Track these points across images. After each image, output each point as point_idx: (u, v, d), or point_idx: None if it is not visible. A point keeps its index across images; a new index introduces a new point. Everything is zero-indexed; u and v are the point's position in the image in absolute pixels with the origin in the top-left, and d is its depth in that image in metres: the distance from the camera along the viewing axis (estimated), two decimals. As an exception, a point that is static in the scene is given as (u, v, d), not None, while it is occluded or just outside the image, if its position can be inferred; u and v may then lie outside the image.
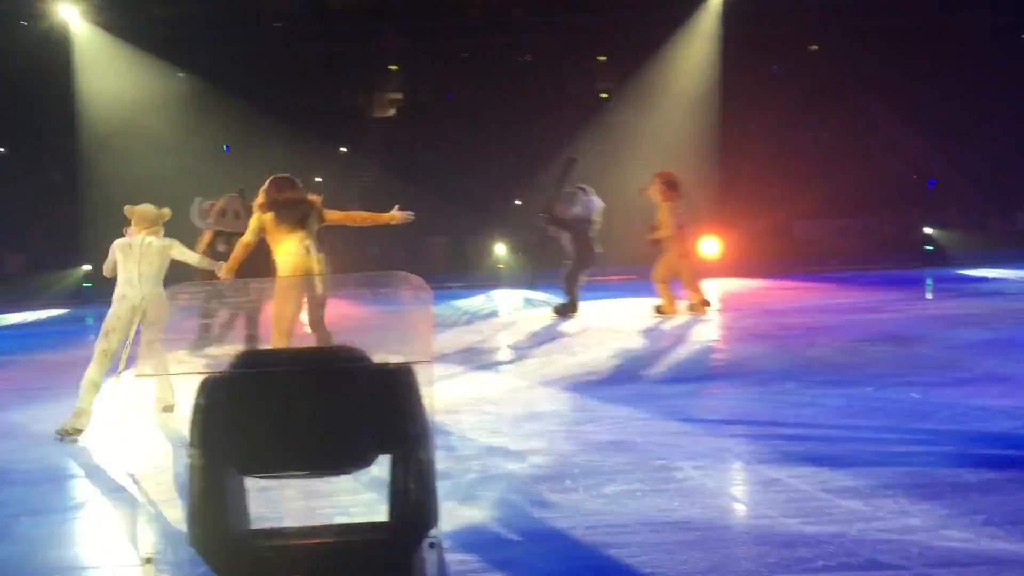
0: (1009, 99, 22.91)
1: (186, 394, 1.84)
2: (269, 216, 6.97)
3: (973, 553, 3.58)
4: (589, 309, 12.49)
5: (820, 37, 26.32)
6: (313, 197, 7.31)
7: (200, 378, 1.85)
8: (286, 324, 6.70)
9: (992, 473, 4.54)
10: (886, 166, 22.70)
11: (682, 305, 11.65)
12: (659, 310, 11.67)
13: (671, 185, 11.56)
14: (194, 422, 1.86)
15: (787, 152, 22.51)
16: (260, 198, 7.09)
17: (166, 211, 6.80)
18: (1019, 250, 19.00)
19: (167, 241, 6.62)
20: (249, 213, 7.42)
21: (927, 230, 20.46)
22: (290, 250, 6.88)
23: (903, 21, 24.13)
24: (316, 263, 6.87)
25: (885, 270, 17.56)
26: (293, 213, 7.02)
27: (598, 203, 11.92)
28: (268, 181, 7.18)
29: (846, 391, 6.63)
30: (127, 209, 6.72)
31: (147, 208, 6.70)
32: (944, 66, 23.95)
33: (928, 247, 20.01)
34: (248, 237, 7.02)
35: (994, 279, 15.25)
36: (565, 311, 11.82)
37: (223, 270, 6.85)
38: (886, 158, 22.93)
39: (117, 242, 6.57)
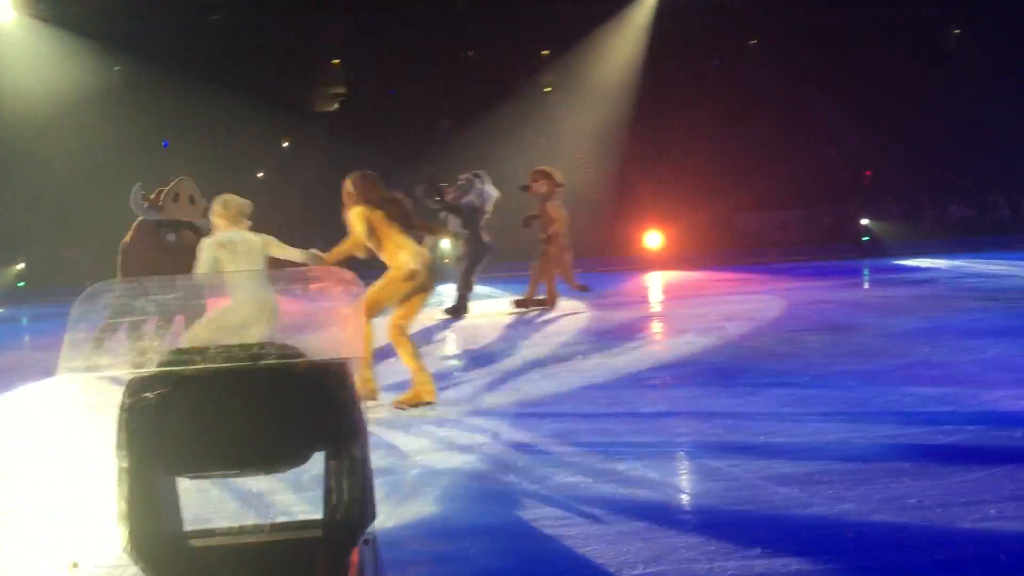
0: (941, 93, 23.48)
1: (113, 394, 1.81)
2: (380, 214, 6.61)
3: (905, 536, 3.67)
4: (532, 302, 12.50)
5: (759, 32, 26.69)
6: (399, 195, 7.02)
7: (127, 377, 1.82)
8: (375, 312, 6.46)
9: (924, 458, 4.66)
10: (824, 159, 23.11)
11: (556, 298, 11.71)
12: (520, 304, 11.72)
13: (553, 180, 11.61)
14: (121, 422, 1.82)
15: (728, 145, 22.79)
16: (358, 195, 6.66)
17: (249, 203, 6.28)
18: (951, 240, 19.51)
19: (264, 236, 6.07)
20: (202, 199, 7.05)
21: (864, 221, 20.88)
22: (408, 246, 6.64)
23: (840, 16, 24.55)
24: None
25: (823, 261, 17.90)
26: (401, 209, 6.81)
27: (493, 192, 11.65)
28: (359, 178, 6.79)
29: (785, 380, 6.75)
30: (223, 201, 6.08)
31: (245, 201, 6.13)
32: (879, 60, 24.43)
33: (865, 238, 20.43)
34: (363, 237, 6.56)
35: (927, 268, 15.62)
36: (456, 312, 11.43)
37: (328, 258, 6.41)
38: (824, 151, 23.34)
39: (215, 239, 5.92)
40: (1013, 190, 22.31)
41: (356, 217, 6.62)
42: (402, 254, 6.54)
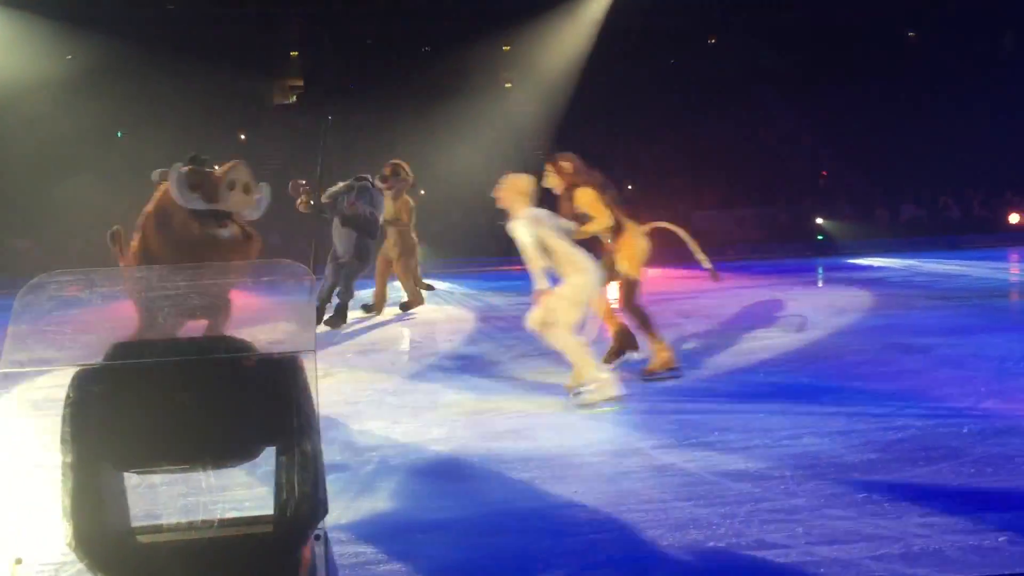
0: (895, 94, 23.86)
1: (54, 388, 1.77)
2: (607, 198, 6.87)
3: (855, 530, 3.73)
4: (495, 299, 12.53)
5: (718, 30, 26.92)
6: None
7: (72, 370, 1.79)
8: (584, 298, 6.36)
9: (874, 454, 4.74)
10: (781, 158, 23.39)
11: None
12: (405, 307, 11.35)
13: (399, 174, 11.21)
14: (66, 416, 1.79)
15: (686, 144, 22.97)
16: (581, 176, 6.85)
17: None
18: (904, 240, 19.85)
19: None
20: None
21: (819, 220, 21.17)
22: (638, 231, 6.74)
23: (797, 16, 24.85)
24: None
25: (779, 259, 18.11)
26: (612, 193, 6.89)
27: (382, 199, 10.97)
28: (573, 160, 6.96)
29: (738, 377, 6.83)
30: (521, 179, 6.26)
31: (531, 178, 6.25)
32: (835, 60, 24.77)
33: (820, 237, 20.71)
34: (609, 221, 6.85)
35: (880, 268, 15.88)
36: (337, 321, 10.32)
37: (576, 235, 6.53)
38: (781, 150, 23.63)
39: (529, 217, 5.94)
40: (963, 191, 22.75)
41: (594, 199, 6.88)
42: (634, 242, 7.15)
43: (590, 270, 6.09)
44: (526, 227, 5.87)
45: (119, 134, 22.59)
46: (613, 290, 7.28)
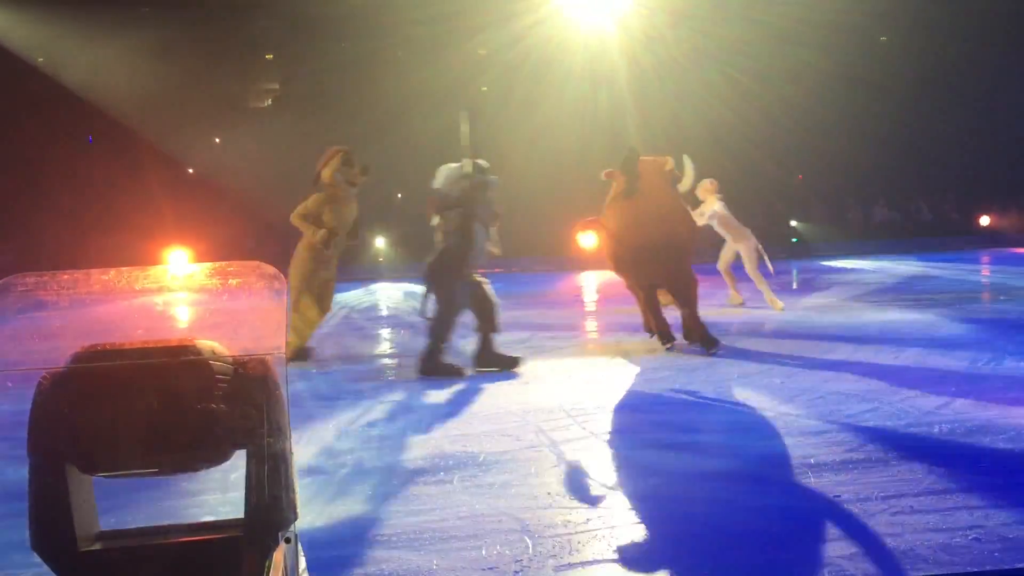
0: (867, 98, 24.09)
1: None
2: None
3: (827, 529, 3.76)
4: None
5: (692, 35, 27.05)
6: None
7: (38, 374, 1.78)
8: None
9: (846, 453, 4.78)
10: (753, 160, 23.53)
11: None
12: None
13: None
14: (32, 420, 1.77)
15: (659, 146, 23.03)
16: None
17: None
18: (876, 242, 20.05)
19: None
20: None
21: (793, 223, 21.34)
22: None
23: (770, 19, 25.02)
24: None
25: (754, 261, 18.19)
26: None
27: None
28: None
29: (712, 378, 6.86)
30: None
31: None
32: (808, 64, 24.96)
33: (794, 239, 20.87)
34: None
35: (853, 269, 16.02)
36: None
37: None
38: (754, 153, 23.77)
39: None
40: (935, 194, 23.01)
41: None
42: None
43: None
44: None
45: (89, 139, 22.38)
46: None
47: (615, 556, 3.58)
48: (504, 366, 7.51)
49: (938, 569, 3.31)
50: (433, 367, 7.38)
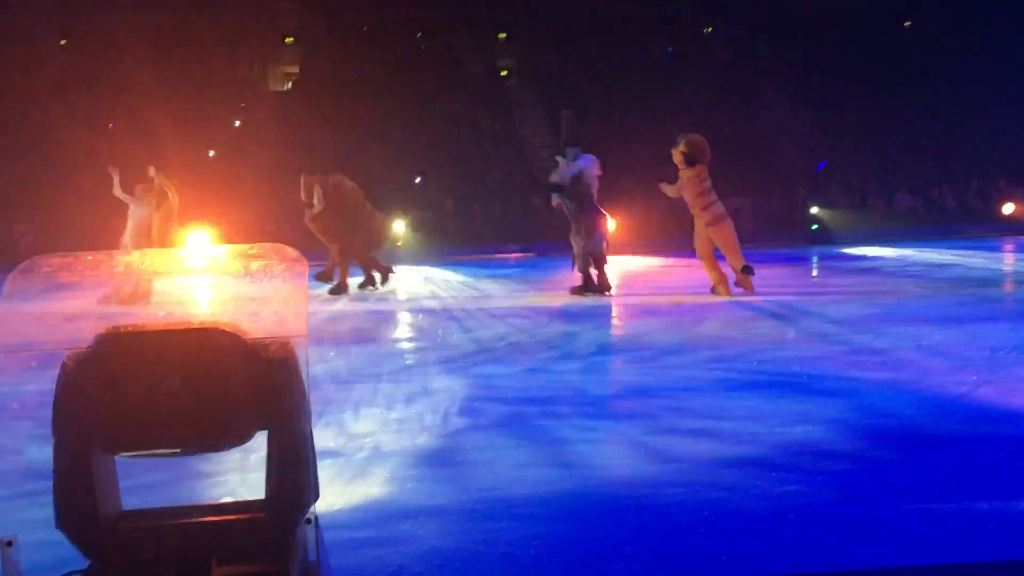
0: (890, 84, 23.85)
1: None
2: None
3: (845, 517, 3.74)
4: (489, 286, 12.57)
5: (715, 20, 26.86)
6: None
7: (63, 354, 1.79)
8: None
9: (864, 443, 4.76)
10: (776, 147, 23.40)
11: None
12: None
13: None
14: (57, 400, 1.79)
15: (681, 132, 22.91)
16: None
17: None
18: (898, 229, 19.89)
19: None
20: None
21: (813, 210, 21.18)
22: None
23: (794, 6, 24.81)
24: None
25: (773, 248, 18.13)
26: None
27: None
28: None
29: (732, 365, 6.84)
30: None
31: None
32: (831, 51, 24.74)
33: (814, 226, 20.73)
34: None
35: (873, 257, 15.91)
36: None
37: None
38: (776, 139, 23.64)
39: None
40: (958, 181, 22.78)
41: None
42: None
43: None
44: None
45: (111, 125, 22.48)
46: None
47: (631, 541, 3.58)
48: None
49: (958, 557, 3.30)
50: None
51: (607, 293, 11.20)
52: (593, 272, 11.17)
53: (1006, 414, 5.17)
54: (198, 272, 2.45)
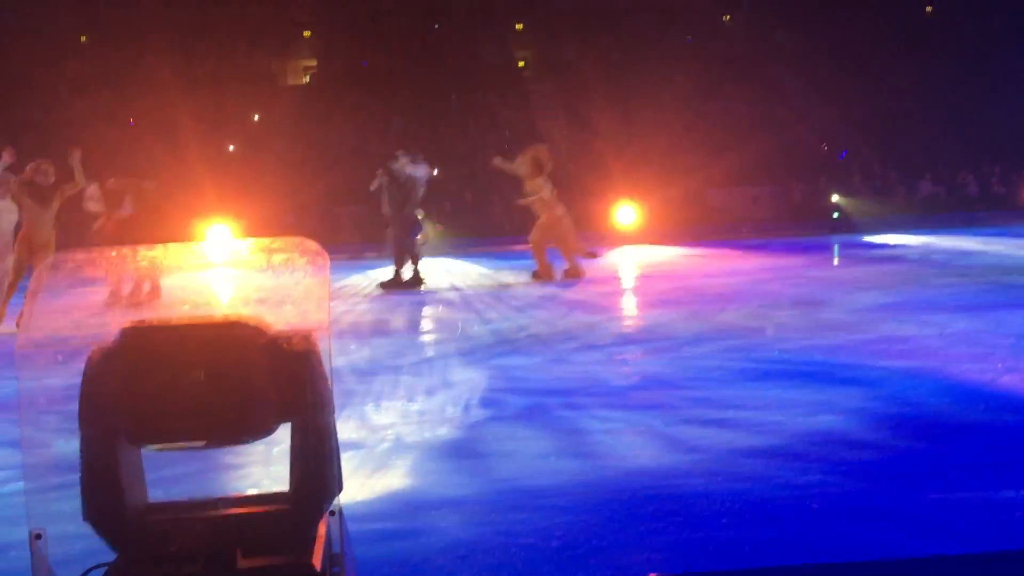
0: (912, 71, 23.62)
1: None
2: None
3: (870, 506, 3.73)
4: (507, 277, 12.59)
5: (733, 8, 26.68)
6: None
7: (89, 348, 1.81)
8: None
9: (888, 431, 4.73)
10: (796, 135, 23.24)
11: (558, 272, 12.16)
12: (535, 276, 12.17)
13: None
14: (83, 394, 1.81)
15: (701, 121, 22.83)
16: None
17: None
18: (921, 216, 19.71)
19: None
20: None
21: (834, 198, 21.03)
22: None
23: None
24: None
25: (794, 237, 18.04)
26: None
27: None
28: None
29: (753, 354, 6.82)
30: None
31: None
32: (851, 38, 24.53)
33: (835, 214, 20.58)
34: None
35: (896, 245, 15.78)
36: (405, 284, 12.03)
37: None
38: (796, 127, 23.47)
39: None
40: (981, 167, 22.54)
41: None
42: None
43: None
44: None
45: (131, 122, 22.57)
46: None
47: (654, 532, 3.58)
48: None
49: (983, 546, 3.28)
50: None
51: (420, 288, 11.85)
52: (409, 268, 11.90)
53: (1031, 402, 5.13)
54: (220, 266, 2.46)
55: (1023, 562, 2.15)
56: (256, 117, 25.03)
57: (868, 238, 17.19)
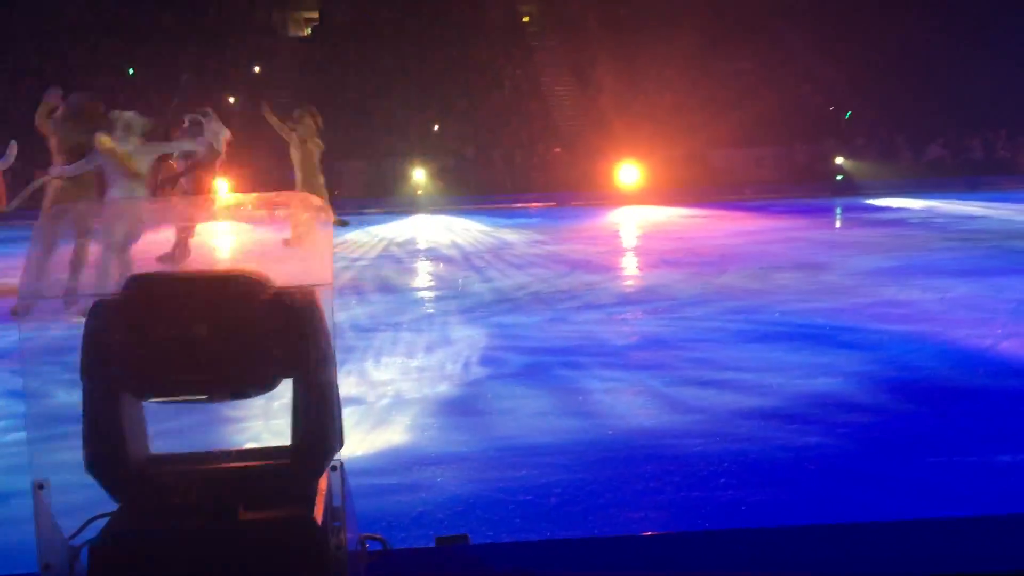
0: (918, 33, 23.35)
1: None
2: None
3: (867, 469, 3.75)
4: (508, 234, 12.57)
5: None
6: None
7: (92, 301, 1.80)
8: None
9: (888, 394, 4.74)
10: (801, 96, 23.02)
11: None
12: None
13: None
14: (85, 346, 1.80)
15: (705, 79, 22.61)
16: None
17: None
18: (925, 180, 19.59)
19: None
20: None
21: (838, 160, 20.89)
22: None
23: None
24: None
25: (797, 199, 17.96)
26: None
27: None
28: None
29: (753, 316, 6.82)
30: None
31: None
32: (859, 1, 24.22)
33: (839, 176, 20.46)
34: None
35: (899, 209, 15.72)
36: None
37: None
38: (801, 88, 23.25)
39: None
40: (988, 131, 22.36)
41: None
42: None
43: None
44: None
45: (131, 71, 22.34)
46: None
47: (652, 491, 3.60)
48: None
49: (980, 509, 3.30)
50: None
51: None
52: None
53: (1031, 368, 5.14)
54: (223, 220, 2.45)
55: (1022, 525, 2.16)
56: (257, 69, 24.77)
57: (871, 201, 17.12)
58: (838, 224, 14.73)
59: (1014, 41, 22.09)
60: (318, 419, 1.87)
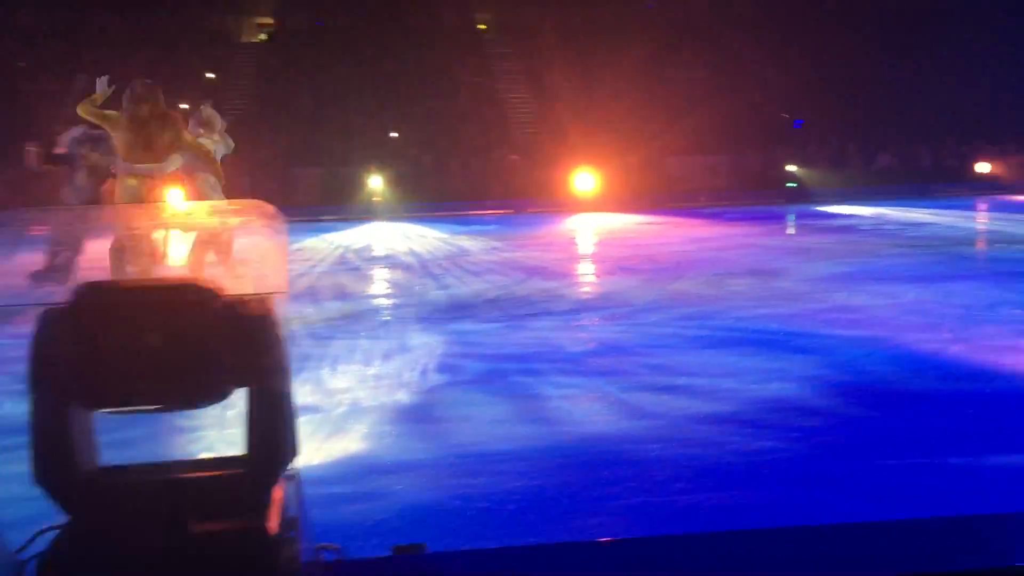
0: (869, 43, 23.78)
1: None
2: None
3: (820, 472, 3.80)
4: (465, 241, 12.55)
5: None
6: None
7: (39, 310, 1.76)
8: None
9: (840, 398, 4.81)
10: (753, 104, 23.31)
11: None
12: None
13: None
14: (33, 355, 1.76)
15: (660, 88, 22.80)
16: None
17: None
18: (876, 188, 19.93)
19: None
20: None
21: (790, 168, 21.18)
22: None
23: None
24: None
25: (750, 206, 18.16)
26: None
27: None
28: None
29: (708, 322, 6.88)
30: None
31: None
32: (812, 7, 24.60)
33: (791, 184, 20.74)
34: None
35: (850, 216, 15.98)
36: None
37: None
38: (754, 96, 23.54)
39: None
40: (935, 140, 22.81)
41: None
42: None
43: None
44: None
45: (80, 76, 21.95)
46: None
47: (608, 496, 3.61)
48: None
49: (931, 511, 3.35)
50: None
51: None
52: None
53: (979, 372, 5.24)
54: (176, 228, 2.41)
55: (974, 527, 2.20)
56: (210, 75, 24.50)
57: (822, 208, 17.39)
58: (791, 231, 14.93)
59: (961, 54, 22.61)
60: (272, 428, 1.84)
